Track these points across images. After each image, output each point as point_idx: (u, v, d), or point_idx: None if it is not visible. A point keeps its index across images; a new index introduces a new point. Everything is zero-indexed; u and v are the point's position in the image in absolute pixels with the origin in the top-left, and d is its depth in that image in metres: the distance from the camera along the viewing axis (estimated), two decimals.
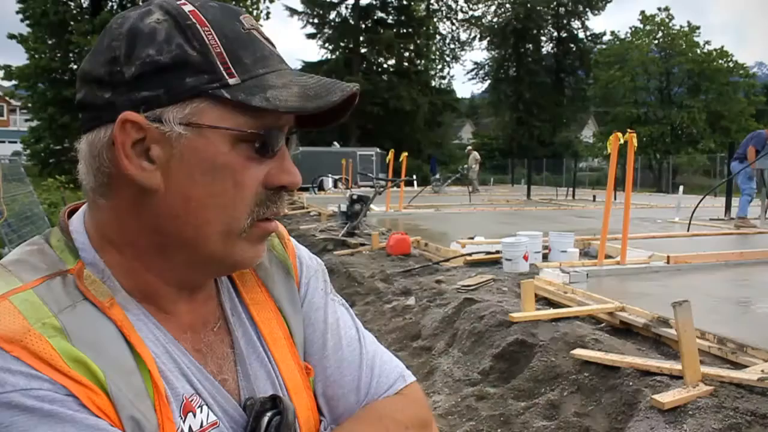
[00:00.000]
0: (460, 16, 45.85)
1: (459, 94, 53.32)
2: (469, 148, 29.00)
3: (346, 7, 40.53)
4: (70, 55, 26.61)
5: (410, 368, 0.97)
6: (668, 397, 2.96)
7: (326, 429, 0.82)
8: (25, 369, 0.57)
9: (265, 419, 0.71)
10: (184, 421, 0.66)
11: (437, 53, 44.74)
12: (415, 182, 25.30)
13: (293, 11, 39.98)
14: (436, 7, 45.00)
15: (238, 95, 0.65)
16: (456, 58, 47.83)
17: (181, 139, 0.64)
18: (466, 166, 24.97)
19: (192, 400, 0.68)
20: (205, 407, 0.69)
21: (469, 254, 7.21)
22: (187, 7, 0.67)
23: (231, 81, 0.65)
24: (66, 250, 0.68)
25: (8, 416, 0.54)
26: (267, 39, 0.71)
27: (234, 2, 25.75)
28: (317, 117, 0.73)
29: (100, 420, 0.59)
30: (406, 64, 40.51)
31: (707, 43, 36.54)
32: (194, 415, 0.67)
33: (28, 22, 26.59)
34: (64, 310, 0.62)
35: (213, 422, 0.69)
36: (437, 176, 25.92)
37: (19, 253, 0.68)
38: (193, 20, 0.66)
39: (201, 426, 0.68)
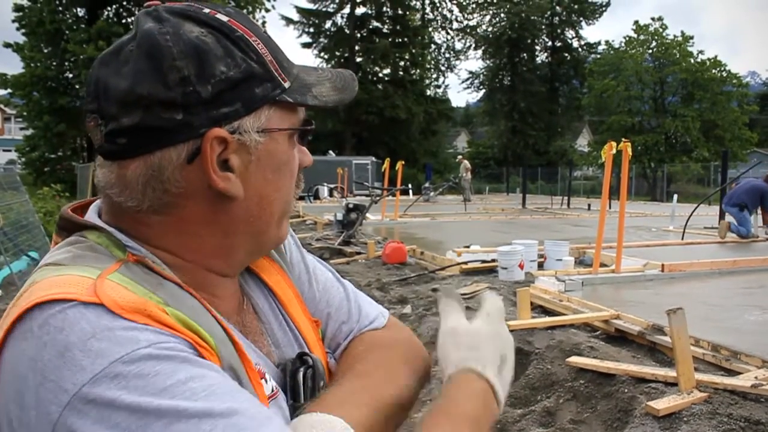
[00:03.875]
0: (455, 25, 46.06)
1: (454, 103, 53.71)
2: (460, 157, 29.06)
3: (342, 17, 40.73)
4: (66, 63, 26.58)
5: None
6: (663, 404, 2.98)
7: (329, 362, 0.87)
8: (153, 329, 0.58)
9: (300, 375, 0.77)
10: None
11: (432, 62, 44.81)
12: (410, 191, 25.34)
13: (289, 20, 40.11)
14: (431, 16, 45.22)
15: (296, 97, 0.73)
16: (451, 68, 48.01)
17: (258, 146, 0.70)
18: (461, 175, 25.01)
19: (260, 368, 0.72)
20: (267, 375, 0.73)
21: (465, 263, 7.24)
22: (223, 17, 0.69)
23: (286, 85, 0.72)
24: (111, 245, 0.68)
25: (151, 366, 0.55)
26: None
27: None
28: None
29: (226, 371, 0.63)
30: (401, 73, 40.57)
31: (701, 52, 36.86)
32: (266, 382, 0.72)
33: (24, 30, 26.57)
34: (157, 287, 0.64)
35: (275, 388, 0.74)
36: (427, 185, 25.88)
37: (73, 252, 0.67)
38: (240, 32, 0.69)
39: (272, 391, 0.72)
